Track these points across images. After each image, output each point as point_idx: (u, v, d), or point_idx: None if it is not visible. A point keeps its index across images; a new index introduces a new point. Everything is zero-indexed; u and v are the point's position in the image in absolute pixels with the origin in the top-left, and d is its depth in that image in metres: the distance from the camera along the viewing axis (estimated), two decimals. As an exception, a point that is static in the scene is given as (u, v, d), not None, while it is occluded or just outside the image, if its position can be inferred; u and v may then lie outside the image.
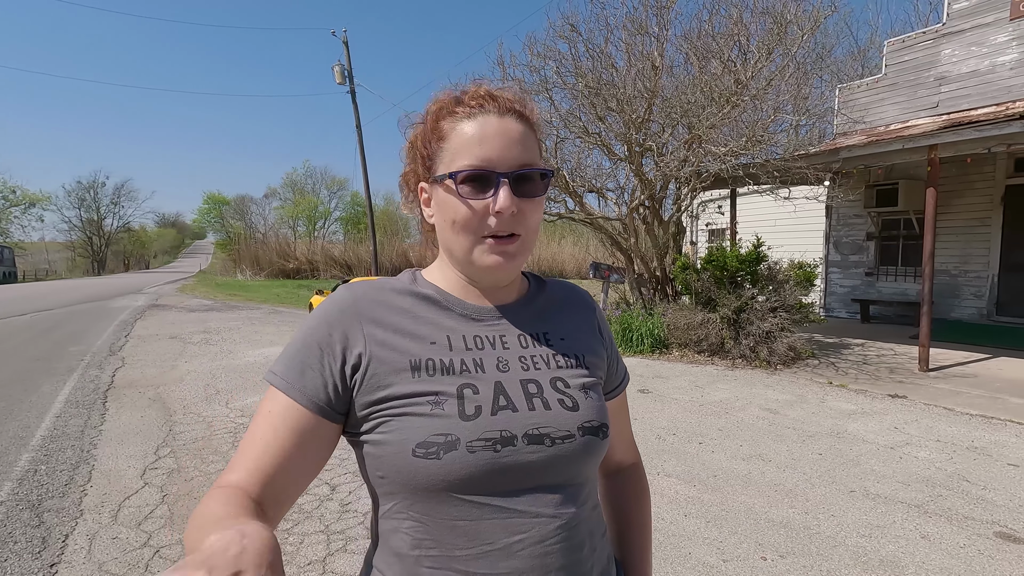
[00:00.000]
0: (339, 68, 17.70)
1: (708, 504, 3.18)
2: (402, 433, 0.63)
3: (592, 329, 0.81)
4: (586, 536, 0.69)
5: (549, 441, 0.65)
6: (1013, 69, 8.14)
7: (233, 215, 60.40)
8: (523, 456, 0.64)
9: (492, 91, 0.70)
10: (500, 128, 0.67)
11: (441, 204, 0.70)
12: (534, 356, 0.72)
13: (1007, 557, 2.60)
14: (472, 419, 0.63)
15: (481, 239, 0.68)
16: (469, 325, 0.72)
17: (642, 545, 0.86)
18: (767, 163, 7.31)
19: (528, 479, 0.64)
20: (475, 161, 0.66)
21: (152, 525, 2.97)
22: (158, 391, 5.97)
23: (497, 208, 0.66)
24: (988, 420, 4.63)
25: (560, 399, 0.69)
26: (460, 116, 0.68)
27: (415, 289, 0.74)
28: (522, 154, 0.67)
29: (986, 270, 8.92)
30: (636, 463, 0.92)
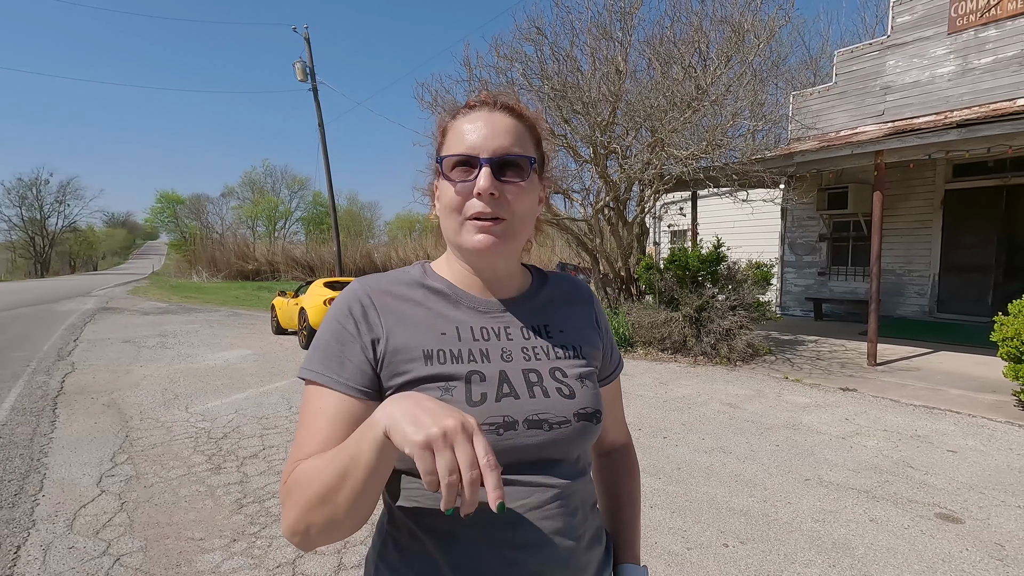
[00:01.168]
0: (300, 65, 17.34)
1: (673, 495, 3.29)
2: None
3: (590, 321, 0.87)
4: (579, 504, 0.75)
5: (547, 426, 0.71)
6: (951, 81, 8.66)
7: (188, 215, 58.27)
8: (522, 439, 0.69)
9: (493, 93, 0.77)
10: (488, 120, 0.73)
11: (438, 193, 0.77)
12: (535, 347, 0.77)
13: (946, 536, 2.79)
14: (478, 405, 0.69)
15: (465, 220, 0.72)
16: (476, 317, 0.77)
17: (632, 518, 0.92)
18: (726, 166, 7.56)
19: (527, 456, 0.70)
20: (461, 148, 0.72)
21: (111, 533, 2.87)
22: (112, 397, 5.74)
23: (478, 189, 0.70)
24: (930, 410, 4.92)
25: (558, 387, 0.74)
26: (459, 116, 0.76)
27: (426, 282, 0.79)
28: (507, 143, 0.72)
29: (928, 270, 9.45)
30: (627, 444, 0.98)
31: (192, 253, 37.02)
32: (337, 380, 0.69)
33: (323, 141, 17.65)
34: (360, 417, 0.67)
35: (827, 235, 10.77)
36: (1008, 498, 3.20)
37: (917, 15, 8.99)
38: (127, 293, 22.99)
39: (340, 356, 0.70)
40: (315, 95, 17.64)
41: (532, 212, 0.76)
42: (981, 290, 8.93)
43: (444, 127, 0.77)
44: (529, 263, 0.89)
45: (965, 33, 8.47)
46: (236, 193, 57.16)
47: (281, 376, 6.76)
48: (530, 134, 0.76)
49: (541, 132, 0.80)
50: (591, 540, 0.77)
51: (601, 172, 8.35)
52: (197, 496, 3.33)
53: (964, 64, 8.50)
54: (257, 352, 8.58)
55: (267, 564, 2.59)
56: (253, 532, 2.89)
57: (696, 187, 8.80)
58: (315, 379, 0.69)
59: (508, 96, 0.77)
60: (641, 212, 9.04)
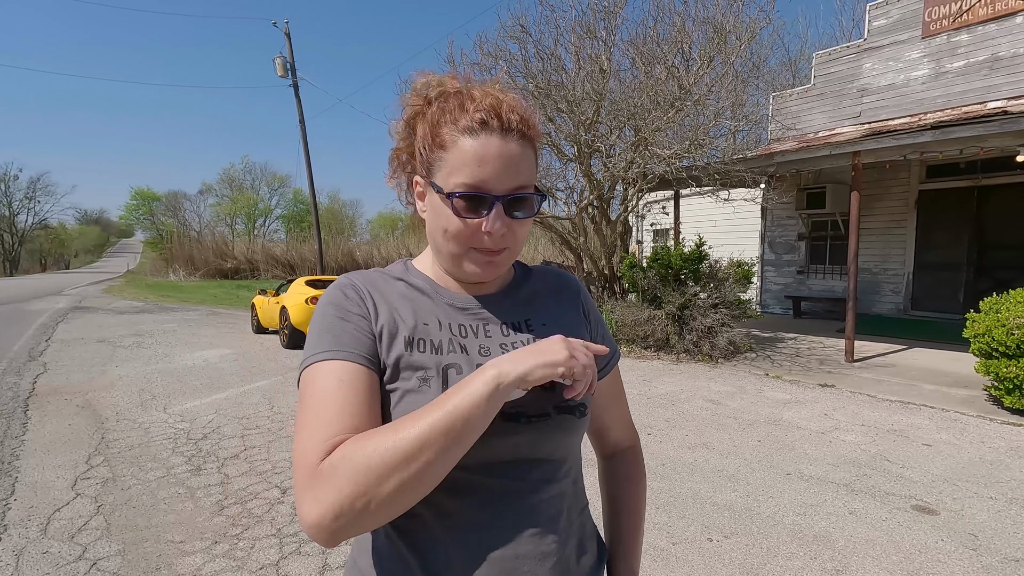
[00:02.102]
0: (281, 60, 17.10)
1: (658, 491, 3.32)
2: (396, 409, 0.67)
3: (577, 313, 0.85)
4: (563, 508, 0.73)
5: (525, 419, 0.69)
6: (925, 84, 8.87)
7: (164, 212, 57.09)
8: (498, 436, 0.67)
9: (498, 103, 0.69)
10: (500, 151, 0.67)
11: (435, 209, 0.72)
12: (515, 343, 0.75)
13: (922, 527, 2.86)
14: None
15: (470, 250, 0.71)
16: (455, 314, 0.76)
17: (632, 529, 0.87)
18: (708, 166, 7.65)
19: (508, 453, 0.68)
20: (472, 181, 0.67)
21: (87, 537, 2.80)
22: (87, 398, 5.60)
23: (487, 229, 0.68)
24: (905, 405, 5.04)
25: None
26: (462, 128, 0.68)
27: (407, 278, 0.78)
28: (518, 177, 0.69)
29: (903, 268, 9.67)
30: (633, 446, 0.93)
31: (169, 251, 36.25)
32: (354, 352, 0.66)
33: (304, 138, 17.43)
34: (376, 389, 0.67)
35: (806, 234, 10.96)
36: (980, 490, 3.29)
37: (892, 19, 9.19)
38: (101, 292, 22.45)
39: (349, 331, 0.68)
40: (296, 91, 17.41)
41: (528, 231, 0.75)
42: (953, 288, 9.17)
43: (441, 131, 0.69)
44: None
45: (938, 37, 8.68)
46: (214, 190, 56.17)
47: (262, 376, 6.66)
48: (534, 152, 0.73)
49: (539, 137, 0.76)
50: (578, 545, 0.76)
51: (585, 171, 8.39)
52: (176, 498, 3.27)
53: (937, 68, 8.71)
54: (237, 351, 8.44)
55: (250, 566, 2.55)
56: (235, 534, 2.84)
57: (679, 186, 8.89)
58: (328, 357, 0.65)
59: (515, 107, 0.70)
60: (624, 211, 9.10)
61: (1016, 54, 7.93)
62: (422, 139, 0.72)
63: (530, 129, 0.71)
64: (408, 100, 0.75)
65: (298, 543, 2.75)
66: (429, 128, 0.71)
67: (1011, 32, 7.98)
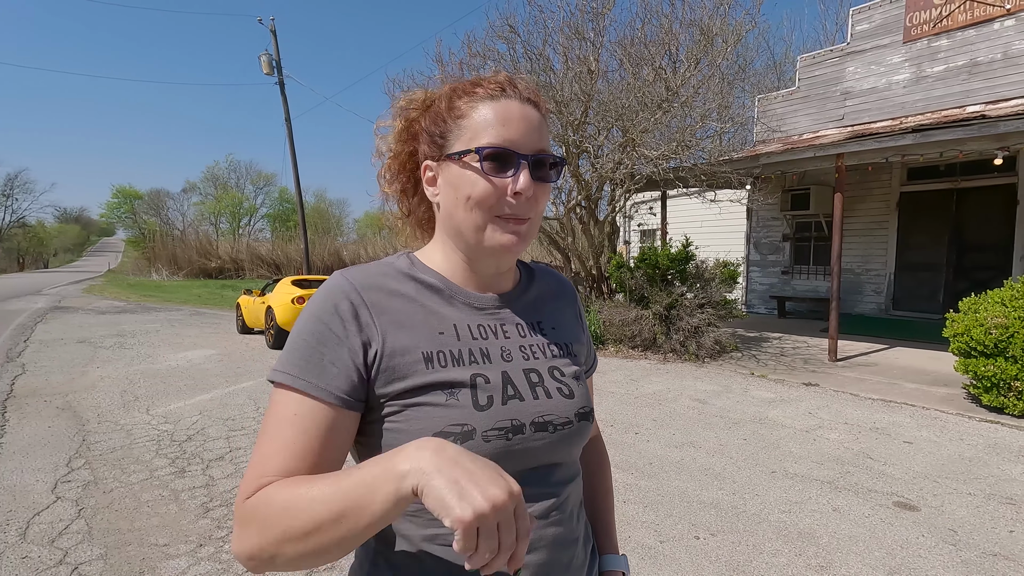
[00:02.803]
0: (266, 57, 16.92)
1: (645, 490, 3.34)
2: (419, 423, 0.63)
3: (576, 317, 0.86)
4: (574, 505, 0.75)
5: (552, 428, 0.69)
6: (906, 87, 9.03)
7: (147, 210, 56.24)
8: (531, 443, 0.67)
9: (512, 78, 0.71)
10: (522, 112, 0.68)
11: (454, 180, 0.69)
12: (532, 345, 0.75)
13: (903, 523, 2.91)
14: (485, 409, 0.65)
15: (495, 218, 0.68)
16: (472, 315, 0.73)
17: (607, 509, 0.93)
18: (695, 167, 7.72)
19: (531, 461, 0.68)
20: (498, 140, 0.66)
21: (68, 541, 2.75)
22: (67, 399, 5.50)
23: (518, 188, 0.66)
24: (887, 403, 5.13)
25: (559, 388, 0.73)
26: (481, 96, 0.69)
27: (415, 275, 0.73)
28: (540, 140, 0.69)
29: (884, 269, 9.84)
30: (597, 436, 0.98)
31: (151, 250, 35.70)
32: (316, 385, 0.62)
33: (290, 136, 17.27)
34: (338, 428, 0.62)
35: (790, 235, 11.10)
36: (959, 486, 3.36)
37: (875, 24, 9.35)
38: (81, 292, 22.05)
39: (321, 359, 0.63)
40: (282, 89, 17.25)
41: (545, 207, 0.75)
42: (933, 288, 9.34)
43: (456, 103, 0.69)
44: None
45: (919, 42, 8.84)
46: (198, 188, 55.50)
47: (247, 376, 6.59)
48: (547, 128, 0.74)
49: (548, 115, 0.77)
50: (584, 538, 0.78)
51: (573, 171, 8.41)
52: (160, 501, 3.22)
53: (918, 72, 8.88)
54: (222, 352, 8.34)
55: (236, 569, 2.52)
56: (220, 536, 2.81)
57: (666, 187, 8.95)
58: (290, 383, 0.62)
59: (528, 83, 0.72)
60: (612, 211, 9.15)
61: (993, 59, 8.11)
62: (432, 119, 0.72)
63: (541, 103, 0.72)
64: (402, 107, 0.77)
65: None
66: (444, 105, 0.71)
67: (988, 38, 8.15)
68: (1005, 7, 7.97)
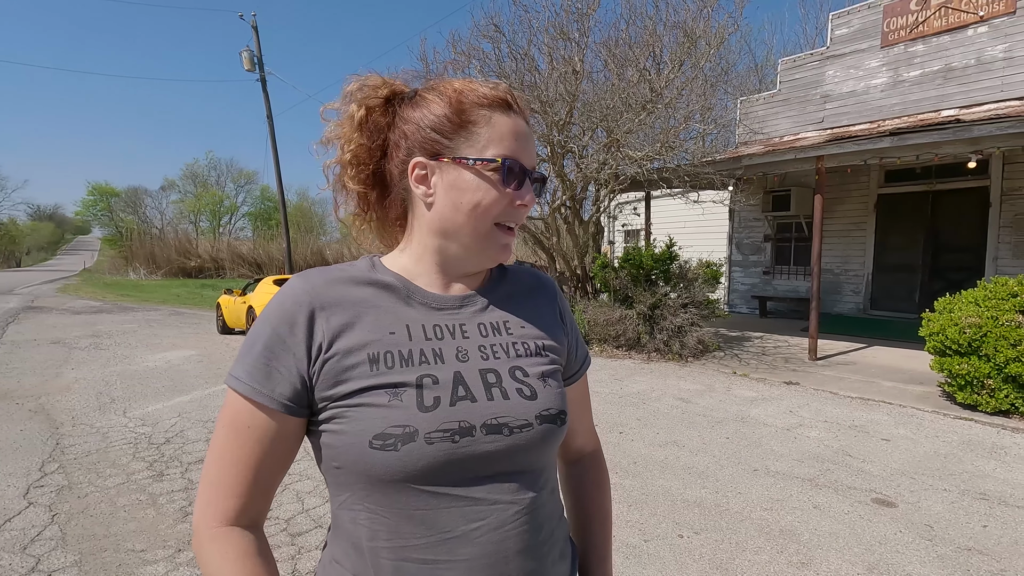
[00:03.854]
0: (248, 54, 16.67)
1: (629, 489, 3.35)
2: (359, 424, 0.62)
3: (554, 315, 0.82)
4: (544, 520, 0.70)
5: (507, 431, 0.66)
6: (884, 91, 9.20)
7: (124, 208, 55.05)
8: (481, 446, 0.64)
9: (513, 92, 0.74)
10: (526, 131, 0.73)
11: (460, 184, 0.69)
12: (494, 345, 0.72)
13: (882, 520, 2.97)
14: (431, 410, 0.63)
15: (495, 226, 0.71)
16: (429, 315, 0.71)
17: (603, 535, 0.86)
18: (678, 168, 7.78)
19: (486, 468, 0.65)
20: (512, 153, 0.70)
21: (40, 548, 2.68)
22: (40, 402, 5.36)
23: (525, 202, 0.71)
24: (865, 402, 5.22)
25: (519, 388, 0.69)
26: (492, 107, 0.70)
27: (375, 277, 0.72)
28: (535, 158, 0.75)
29: (863, 269, 10.02)
30: (596, 450, 0.92)
31: (128, 249, 34.98)
32: (262, 393, 0.64)
33: (272, 134, 17.06)
34: (285, 435, 0.65)
35: (771, 236, 11.25)
36: (935, 482, 3.43)
37: (854, 28, 9.51)
38: (55, 291, 21.51)
39: (268, 365, 0.64)
40: (263, 86, 17.02)
41: None
42: (909, 288, 9.54)
43: (466, 108, 0.69)
44: None
45: (896, 47, 9.02)
46: (177, 186, 54.48)
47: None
48: None
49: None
50: (558, 557, 0.73)
51: (558, 171, 8.43)
52: (137, 505, 3.15)
53: (895, 76, 9.06)
54: (201, 353, 8.20)
55: None
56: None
57: (650, 187, 9.01)
58: (239, 388, 0.64)
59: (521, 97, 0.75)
60: (597, 211, 9.19)
61: (967, 65, 8.30)
62: (436, 116, 0.70)
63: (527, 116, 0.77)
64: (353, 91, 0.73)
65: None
66: (453, 107, 0.69)
67: (963, 44, 8.35)
68: (978, 14, 8.17)
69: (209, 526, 0.64)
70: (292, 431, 0.66)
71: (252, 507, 0.66)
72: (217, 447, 0.66)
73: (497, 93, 0.71)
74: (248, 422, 0.65)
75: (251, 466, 0.65)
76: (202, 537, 0.64)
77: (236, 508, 0.65)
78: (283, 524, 2.93)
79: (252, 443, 0.65)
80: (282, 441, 0.66)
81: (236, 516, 0.65)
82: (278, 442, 0.65)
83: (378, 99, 0.73)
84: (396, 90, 0.74)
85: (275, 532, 2.84)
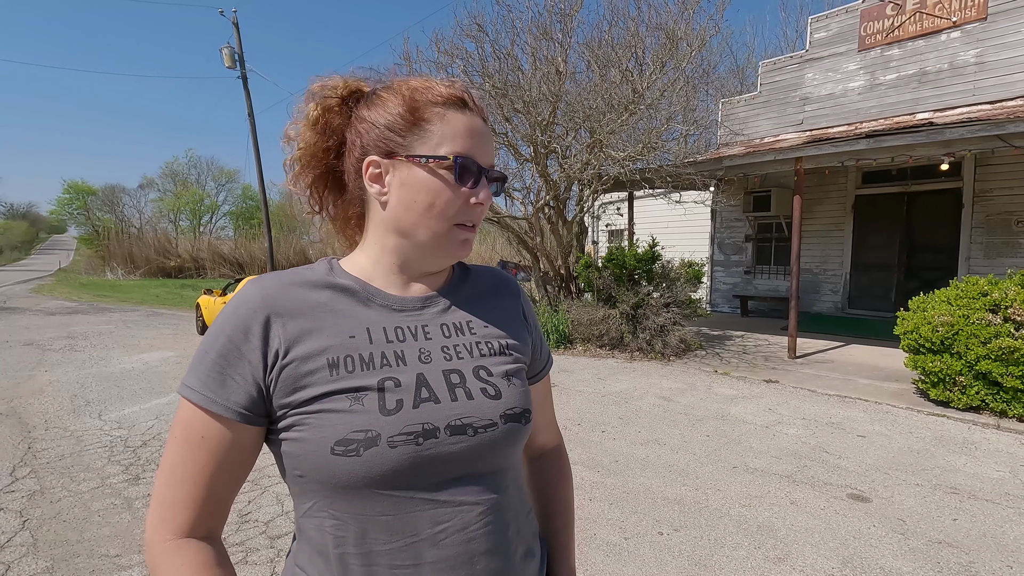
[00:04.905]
0: (228, 51, 16.43)
1: (610, 487, 3.38)
2: (320, 431, 0.62)
3: (517, 315, 0.82)
4: (511, 519, 0.70)
5: (472, 431, 0.66)
6: (861, 94, 9.38)
7: (101, 207, 53.77)
8: (445, 448, 0.64)
9: (469, 90, 0.73)
10: (482, 128, 0.72)
11: (413, 183, 0.68)
12: (457, 345, 0.72)
13: (856, 514, 3.03)
14: (393, 413, 0.63)
15: (454, 226, 0.70)
16: (390, 316, 0.71)
17: (565, 526, 0.88)
18: (661, 168, 7.84)
19: (451, 470, 0.65)
20: (466, 151, 0.69)
21: (11, 555, 2.62)
22: (11, 405, 5.23)
23: (480, 200, 0.70)
24: (842, 399, 5.32)
25: (483, 388, 0.69)
26: (446, 105, 0.69)
27: (332, 280, 0.71)
28: (492, 155, 0.73)
29: (841, 269, 10.20)
30: (558, 445, 0.94)
31: (106, 248, 34.27)
32: (216, 402, 0.62)
33: (253, 132, 16.83)
34: (241, 445, 0.64)
35: (752, 236, 11.40)
36: (908, 477, 3.51)
37: (832, 32, 9.68)
38: (29, 291, 21.00)
39: (222, 373, 0.63)
40: (244, 84, 16.79)
41: None
42: (886, 287, 9.74)
43: (418, 106, 0.69)
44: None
45: (873, 51, 9.19)
46: (156, 185, 53.37)
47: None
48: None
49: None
50: (525, 554, 0.73)
51: (541, 171, 8.45)
52: (112, 510, 3.09)
53: (872, 79, 9.23)
54: (180, 354, 8.06)
55: (192, 578, 2.44)
56: (176, 545, 2.71)
57: (632, 188, 9.07)
58: (192, 398, 0.63)
59: (478, 95, 0.75)
60: (580, 211, 9.22)
61: (941, 69, 8.49)
62: (388, 114, 0.69)
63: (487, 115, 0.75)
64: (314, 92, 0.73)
65: (244, 552, 2.66)
66: (406, 105, 0.69)
67: (937, 48, 8.54)
68: (952, 20, 8.36)
69: (163, 540, 0.63)
70: (248, 441, 0.65)
71: (207, 520, 0.65)
72: (169, 460, 0.64)
73: (452, 91, 0.71)
74: (202, 432, 0.63)
75: (206, 478, 0.63)
76: (155, 552, 0.63)
77: (191, 521, 0.63)
78: (262, 527, 2.90)
79: (206, 454, 0.63)
80: (238, 451, 0.65)
81: (191, 529, 0.63)
82: (233, 452, 0.64)
83: (334, 99, 0.72)
84: (354, 89, 0.73)
85: (254, 535, 2.81)
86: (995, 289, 4.73)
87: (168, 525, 0.63)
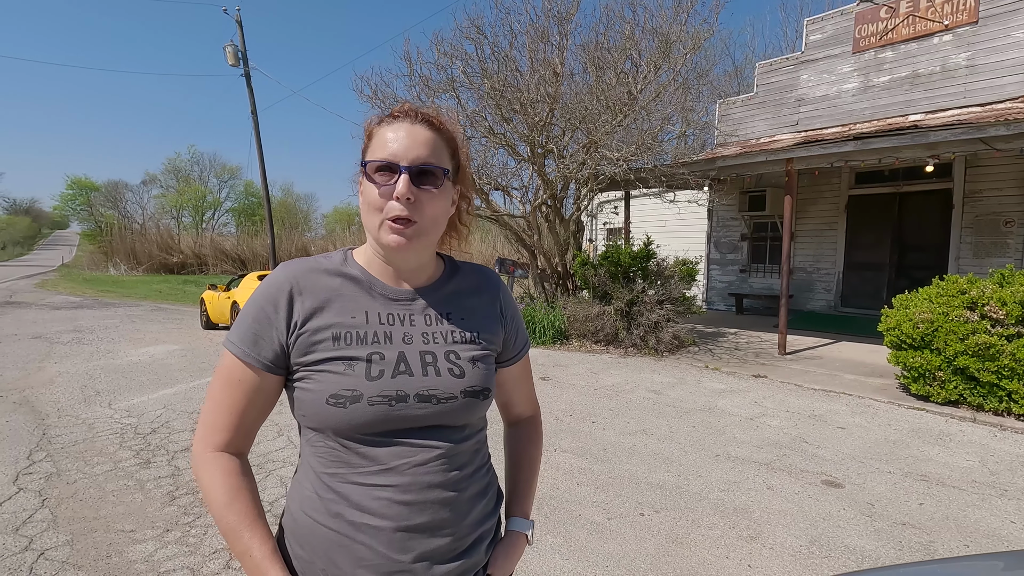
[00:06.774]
0: (232, 48, 16.60)
1: (597, 473, 3.55)
2: (320, 385, 0.81)
3: (494, 310, 0.97)
4: (464, 463, 0.88)
5: (435, 400, 0.84)
6: (855, 96, 9.52)
7: (104, 203, 54.03)
8: (412, 411, 0.82)
9: (414, 106, 0.86)
10: (409, 132, 0.83)
11: (361, 190, 0.86)
12: (435, 333, 0.88)
13: (828, 499, 3.20)
14: (375, 380, 0.81)
15: (385, 221, 0.82)
16: (387, 304, 0.88)
17: (527, 479, 1.06)
18: (656, 168, 8.00)
19: (415, 424, 0.83)
20: (384, 155, 0.82)
21: (32, 529, 2.80)
22: (24, 395, 5.42)
23: (395, 194, 0.80)
24: (827, 393, 5.49)
25: (450, 368, 0.86)
26: (384, 123, 0.85)
27: (344, 270, 0.88)
28: (425, 153, 0.82)
29: (833, 268, 10.36)
30: (533, 416, 1.11)
31: (108, 244, 34.50)
32: (249, 355, 0.82)
33: (256, 129, 17.00)
34: (265, 385, 0.84)
35: (748, 235, 11.55)
36: (882, 465, 3.68)
37: (827, 34, 9.82)
38: (33, 286, 21.23)
39: (255, 335, 0.82)
40: (248, 81, 16.95)
41: (444, 215, 0.87)
42: (877, 286, 9.89)
43: (370, 131, 0.86)
44: (447, 254, 0.99)
45: (867, 53, 9.34)
46: (159, 181, 53.57)
47: (212, 371, 6.57)
48: (447, 145, 0.86)
49: (459, 142, 0.89)
50: (476, 494, 0.89)
51: (539, 170, 8.61)
52: (125, 490, 3.28)
53: (866, 81, 9.37)
54: (185, 347, 8.25)
55: (203, 551, 2.62)
56: (187, 522, 2.90)
57: (628, 187, 9.24)
58: (233, 351, 0.83)
59: (430, 109, 0.87)
60: (577, 210, 9.39)
61: (933, 72, 8.64)
62: (363, 143, 0.88)
63: (441, 124, 0.86)
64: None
65: (251, 529, 2.83)
66: (365, 130, 0.88)
67: (928, 51, 8.68)
68: (944, 23, 8.50)
69: (204, 451, 0.84)
70: (272, 386, 0.85)
71: (238, 440, 0.85)
72: (213, 394, 0.85)
73: (393, 109, 0.87)
74: (239, 376, 0.84)
75: (239, 410, 0.84)
76: (199, 460, 0.84)
77: (225, 441, 0.84)
78: (267, 506, 3.08)
79: (240, 393, 0.84)
80: (264, 392, 0.85)
81: (226, 446, 0.84)
82: (261, 393, 0.84)
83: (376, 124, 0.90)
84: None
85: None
86: (973, 287, 4.89)
87: (208, 440, 0.84)
